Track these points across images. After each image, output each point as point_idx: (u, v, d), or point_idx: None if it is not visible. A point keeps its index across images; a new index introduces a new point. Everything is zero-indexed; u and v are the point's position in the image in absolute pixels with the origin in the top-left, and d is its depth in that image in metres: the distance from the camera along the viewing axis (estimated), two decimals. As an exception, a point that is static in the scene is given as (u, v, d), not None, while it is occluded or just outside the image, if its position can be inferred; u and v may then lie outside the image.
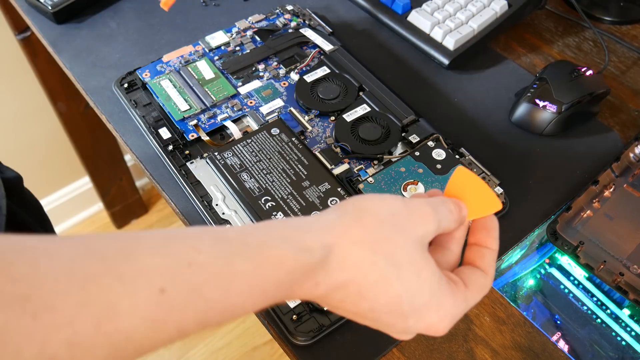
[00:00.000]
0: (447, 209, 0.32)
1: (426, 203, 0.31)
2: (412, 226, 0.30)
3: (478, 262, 0.34)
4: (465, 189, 0.34)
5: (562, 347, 0.47)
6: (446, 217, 0.32)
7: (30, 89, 1.10)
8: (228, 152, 0.56)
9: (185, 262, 0.25)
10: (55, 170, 1.32)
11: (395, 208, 0.30)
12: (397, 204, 0.31)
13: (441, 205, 0.32)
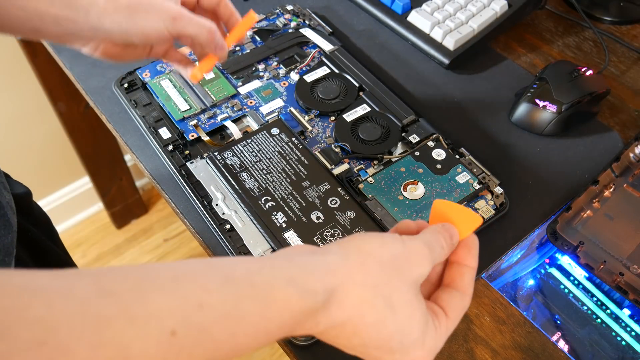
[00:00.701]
0: (439, 245, 0.34)
1: (423, 244, 0.33)
2: (410, 269, 0.32)
3: (457, 281, 0.35)
4: (447, 216, 0.36)
5: (562, 347, 0.47)
6: (439, 253, 0.34)
7: (30, 89, 1.10)
8: (228, 152, 0.56)
9: (196, 304, 0.25)
10: (55, 170, 1.32)
11: (395, 251, 0.32)
12: (397, 247, 0.32)
13: (435, 243, 0.34)
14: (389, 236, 0.33)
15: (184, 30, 0.43)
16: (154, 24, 0.42)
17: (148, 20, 0.41)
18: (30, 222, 0.55)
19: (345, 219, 0.51)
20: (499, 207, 0.53)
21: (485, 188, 0.54)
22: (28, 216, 0.56)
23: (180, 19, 0.42)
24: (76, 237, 1.42)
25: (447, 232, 0.35)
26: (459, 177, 0.54)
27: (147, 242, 1.42)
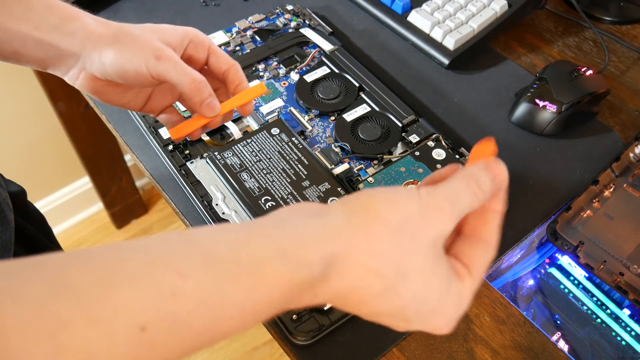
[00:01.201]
0: (471, 192, 0.29)
1: (444, 198, 0.28)
2: (426, 231, 0.28)
3: (481, 229, 0.31)
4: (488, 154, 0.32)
5: (562, 347, 0.47)
6: (469, 205, 0.29)
7: (30, 89, 1.10)
8: (228, 152, 0.56)
9: (169, 292, 0.23)
10: (55, 170, 1.32)
11: (408, 211, 0.27)
12: (412, 205, 0.28)
13: (464, 191, 0.29)
14: (403, 192, 0.28)
15: (165, 73, 0.39)
16: (134, 58, 0.38)
17: (129, 53, 0.38)
18: (26, 220, 0.55)
19: (345, 219, 0.51)
20: (499, 207, 0.53)
21: (485, 188, 0.54)
22: (24, 214, 0.56)
23: (165, 60, 0.39)
24: (76, 237, 1.42)
25: (489, 172, 0.30)
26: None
27: (147, 242, 1.42)
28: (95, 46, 0.39)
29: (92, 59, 0.39)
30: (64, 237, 1.40)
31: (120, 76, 0.39)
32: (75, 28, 0.39)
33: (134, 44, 0.38)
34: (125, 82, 0.40)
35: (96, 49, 0.39)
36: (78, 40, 0.39)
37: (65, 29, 0.38)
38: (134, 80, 0.39)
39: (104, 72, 0.39)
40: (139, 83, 0.40)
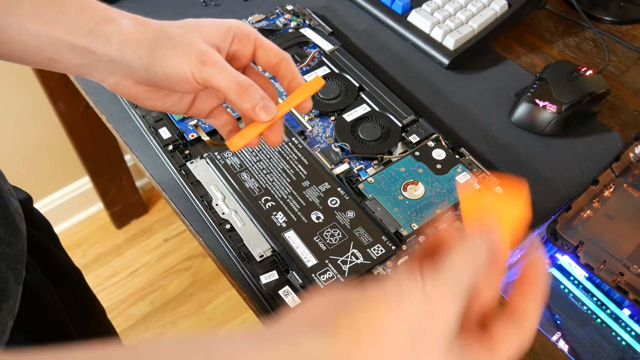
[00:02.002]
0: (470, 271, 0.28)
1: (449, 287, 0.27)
2: (438, 329, 0.26)
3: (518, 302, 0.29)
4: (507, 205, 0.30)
5: (562, 347, 0.47)
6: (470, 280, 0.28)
7: (30, 89, 1.10)
8: (228, 152, 0.56)
9: None
10: (55, 170, 1.32)
11: (417, 312, 0.26)
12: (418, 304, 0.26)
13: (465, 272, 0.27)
14: (407, 291, 0.26)
15: (211, 78, 0.36)
16: (178, 64, 0.35)
17: (172, 58, 0.35)
18: (33, 227, 0.55)
19: (345, 219, 0.51)
20: (499, 207, 0.53)
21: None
22: (31, 221, 0.55)
23: (211, 64, 0.36)
24: (76, 237, 1.42)
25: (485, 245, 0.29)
26: (459, 177, 0.54)
27: (147, 242, 1.42)
28: (134, 52, 0.36)
29: (132, 65, 0.36)
30: (64, 237, 1.40)
31: (163, 83, 0.37)
32: (111, 32, 0.36)
33: (177, 48, 0.36)
34: (169, 88, 0.38)
35: (136, 55, 0.36)
36: (115, 46, 0.36)
37: (100, 32, 0.36)
38: (177, 86, 0.37)
39: (146, 78, 0.37)
40: (183, 89, 0.37)
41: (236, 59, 0.39)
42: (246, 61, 0.40)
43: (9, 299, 0.41)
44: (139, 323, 1.30)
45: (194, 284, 1.36)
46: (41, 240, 0.55)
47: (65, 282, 0.58)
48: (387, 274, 0.49)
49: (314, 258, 0.48)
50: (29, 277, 0.46)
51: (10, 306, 0.41)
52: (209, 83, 0.36)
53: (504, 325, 0.28)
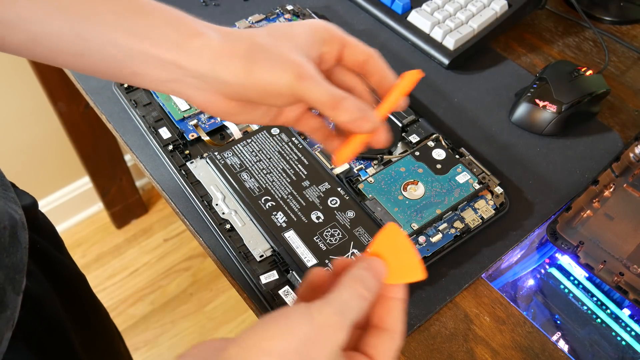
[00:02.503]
0: (358, 297, 0.30)
1: (334, 312, 0.29)
2: (322, 350, 0.28)
3: (386, 319, 0.32)
4: (392, 249, 0.32)
5: (562, 347, 0.47)
6: (359, 309, 0.30)
7: (30, 89, 1.10)
8: (228, 152, 0.56)
9: None
10: (55, 170, 1.32)
11: (302, 335, 0.28)
12: (304, 328, 0.28)
13: (351, 299, 0.30)
14: (294, 316, 0.28)
15: (306, 94, 0.34)
16: (276, 79, 0.34)
17: (270, 72, 0.34)
18: (37, 234, 0.54)
19: (345, 219, 0.51)
20: (499, 207, 0.53)
21: (485, 188, 0.54)
22: (35, 227, 0.54)
23: (308, 79, 0.34)
24: (76, 237, 1.42)
25: (371, 271, 0.31)
26: (459, 177, 0.54)
27: (147, 242, 1.42)
28: (228, 67, 0.34)
29: (226, 81, 0.34)
30: (64, 237, 1.40)
31: (257, 98, 0.35)
32: (200, 46, 0.34)
33: (272, 61, 0.34)
34: (261, 103, 0.36)
35: (230, 71, 0.34)
36: (205, 61, 0.34)
37: (189, 47, 0.34)
38: (272, 100, 0.35)
39: (239, 94, 0.35)
40: (276, 103, 0.35)
41: (324, 62, 0.37)
42: (333, 63, 0.38)
43: (6, 309, 0.40)
44: (139, 323, 1.30)
45: (194, 284, 1.36)
46: (45, 247, 0.54)
47: (69, 288, 0.57)
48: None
49: (314, 258, 0.48)
50: (30, 285, 0.46)
51: (8, 317, 0.40)
52: (303, 98, 0.34)
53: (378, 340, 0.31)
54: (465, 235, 0.51)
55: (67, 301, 0.55)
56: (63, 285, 0.55)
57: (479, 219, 0.52)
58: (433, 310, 0.48)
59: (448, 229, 0.52)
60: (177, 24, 0.34)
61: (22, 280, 0.43)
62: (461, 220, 0.52)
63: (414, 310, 0.48)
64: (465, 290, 0.50)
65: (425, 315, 0.48)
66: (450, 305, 0.49)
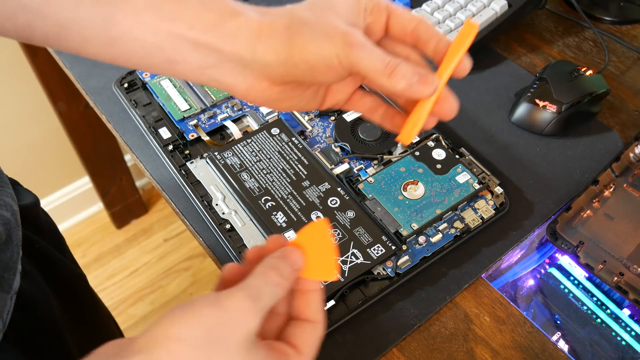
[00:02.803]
0: (272, 284, 0.29)
1: (245, 297, 0.28)
2: (232, 333, 0.28)
3: (305, 311, 0.32)
4: (314, 243, 0.32)
5: (562, 347, 0.47)
6: (271, 295, 0.29)
7: (30, 89, 1.10)
8: (228, 152, 0.56)
9: None
10: (55, 170, 1.32)
11: (210, 320, 0.27)
12: (212, 314, 0.28)
13: (264, 286, 0.29)
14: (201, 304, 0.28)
15: (359, 62, 0.31)
16: (323, 50, 0.31)
17: (315, 44, 0.31)
18: (37, 233, 0.54)
19: (345, 219, 0.51)
20: (499, 207, 0.53)
21: (485, 188, 0.54)
22: (35, 227, 0.54)
23: (359, 46, 0.31)
24: (76, 237, 1.42)
25: (287, 260, 0.31)
26: (459, 177, 0.54)
27: (147, 242, 1.42)
28: (268, 46, 0.32)
29: (267, 62, 0.32)
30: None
31: (303, 75, 0.32)
32: (237, 26, 0.32)
33: (317, 33, 0.31)
34: (308, 81, 0.33)
35: (270, 49, 0.32)
36: (244, 41, 0.32)
37: (225, 27, 0.32)
38: (321, 76, 0.32)
39: (283, 75, 0.33)
40: (326, 78, 0.33)
41: (371, 34, 0.34)
42: (380, 34, 0.34)
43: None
44: (139, 323, 1.30)
45: (194, 284, 1.36)
46: (44, 247, 0.54)
47: (68, 288, 0.57)
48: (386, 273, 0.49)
49: (314, 258, 0.48)
50: (24, 286, 0.45)
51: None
52: (355, 68, 0.31)
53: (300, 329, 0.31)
54: (465, 235, 0.51)
55: (66, 301, 0.55)
56: (62, 286, 0.55)
57: (479, 219, 0.52)
58: (433, 310, 0.48)
59: (448, 229, 0.52)
60: (212, 5, 0.32)
61: (12, 279, 0.42)
62: (461, 220, 0.52)
63: (414, 310, 0.48)
64: (465, 290, 0.50)
65: (425, 315, 0.48)
66: (450, 305, 0.49)
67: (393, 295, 0.49)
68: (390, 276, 0.49)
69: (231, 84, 0.34)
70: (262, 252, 0.32)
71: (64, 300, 0.54)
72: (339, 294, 0.47)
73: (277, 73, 0.32)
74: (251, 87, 0.33)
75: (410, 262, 0.49)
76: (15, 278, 0.42)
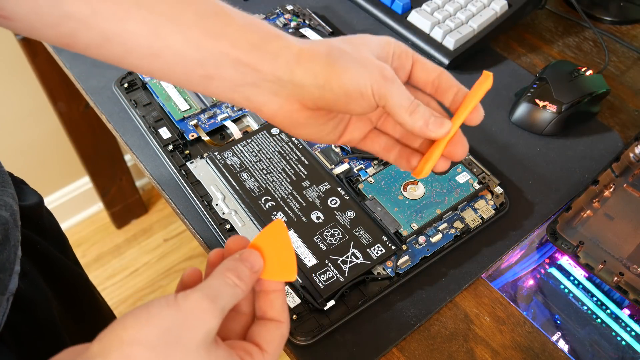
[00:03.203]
0: (231, 284, 0.30)
1: (203, 297, 0.29)
2: (190, 333, 0.28)
3: (268, 311, 0.32)
4: (273, 245, 0.33)
5: (562, 347, 0.47)
6: (231, 295, 0.30)
7: (30, 89, 1.10)
8: (228, 152, 0.56)
9: None
10: (55, 170, 1.32)
11: (166, 322, 0.27)
12: (168, 315, 0.28)
13: (222, 286, 0.30)
14: (156, 306, 0.28)
15: (389, 95, 0.33)
16: (360, 78, 0.32)
17: (353, 72, 0.32)
18: (40, 234, 0.53)
19: (345, 219, 0.51)
20: (499, 207, 0.53)
21: (485, 188, 0.54)
22: (37, 227, 0.54)
23: (391, 80, 0.33)
24: (76, 237, 1.42)
25: (245, 262, 0.31)
26: (459, 177, 0.54)
27: (147, 242, 1.42)
28: (307, 69, 0.33)
29: (303, 84, 0.33)
30: (64, 237, 1.40)
31: (337, 100, 0.33)
32: (278, 47, 0.33)
33: (355, 62, 0.33)
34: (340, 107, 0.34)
35: (309, 72, 0.33)
36: (283, 63, 0.33)
37: (267, 48, 0.33)
38: (352, 104, 0.33)
39: (315, 99, 0.33)
40: (356, 107, 0.34)
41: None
42: (404, 79, 0.37)
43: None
44: (139, 323, 1.30)
45: (194, 284, 1.36)
46: (45, 248, 0.53)
47: (69, 288, 0.57)
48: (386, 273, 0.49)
49: (314, 258, 0.48)
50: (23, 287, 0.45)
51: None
52: (384, 100, 0.33)
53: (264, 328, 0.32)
54: (465, 235, 0.51)
55: (66, 302, 0.55)
56: (63, 287, 0.55)
57: (479, 219, 0.52)
58: (433, 310, 0.48)
59: (448, 229, 0.52)
60: (255, 27, 0.33)
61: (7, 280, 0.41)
62: (461, 220, 0.52)
63: (414, 310, 0.48)
64: (465, 290, 0.50)
65: (425, 315, 0.48)
66: (450, 305, 0.49)
67: (393, 295, 0.49)
68: (390, 276, 0.49)
69: (263, 103, 0.34)
70: (223, 254, 0.33)
71: (64, 301, 0.54)
72: (339, 294, 0.47)
73: (311, 96, 0.33)
74: (281, 107, 0.34)
75: (410, 262, 0.49)
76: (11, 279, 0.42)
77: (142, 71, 0.34)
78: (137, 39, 0.32)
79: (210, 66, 0.33)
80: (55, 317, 0.50)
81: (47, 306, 0.50)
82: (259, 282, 0.33)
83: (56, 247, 0.57)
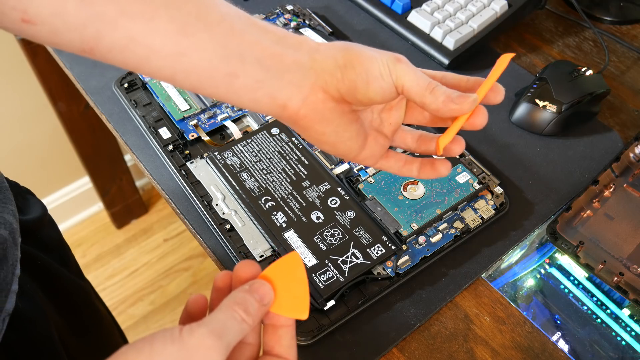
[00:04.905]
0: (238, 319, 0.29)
1: (208, 333, 0.28)
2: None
3: (276, 347, 0.31)
4: (287, 278, 0.31)
5: (562, 347, 0.47)
6: (238, 332, 0.29)
7: (30, 89, 1.10)
8: (228, 152, 0.56)
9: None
10: (55, 170, 1.32)
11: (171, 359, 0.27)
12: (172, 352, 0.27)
13: (229, 320, 0.29)
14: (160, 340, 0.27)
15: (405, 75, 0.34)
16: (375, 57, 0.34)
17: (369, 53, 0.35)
18: (40, 249, 0.53)
19: (345, 219, 0.51)
20: (499, 207, 0.53)
21: (485, 188, 0.54)
22: (38, 242, 0.53)
23: (405, 62, 0.35)
24: (76, 237, 1.42)
25: (255, 295, 0.30)
26: (459, 177, 0.54)
27: (147, 242, 1.42)
28: (327, 53, 0.34)
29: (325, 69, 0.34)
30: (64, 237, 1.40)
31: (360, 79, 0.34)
32: (298, 42, 0.35)
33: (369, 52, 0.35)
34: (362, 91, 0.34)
35: (329, 56, 0.34)
36: (304, 52, 0.34)
37: (288, 42, 0.34)
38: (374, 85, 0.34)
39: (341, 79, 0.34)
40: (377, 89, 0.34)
41: None
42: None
43: None
44: (139, 323, 1.30)
45: (194, 284, 1.36)
46: (46, 262, 0.53)
47: (70, 303, 0.56)
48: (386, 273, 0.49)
49: (314, 258, 0.48)
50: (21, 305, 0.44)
51: None
52: (401, 80, 0.34)
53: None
54: (465, 235, 0.51)
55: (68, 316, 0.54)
56: (64, 301, 0.54)
57: (479, 219, 0.52)
58: (433, 310, 0.48)
59: (448, 229, 0.52)
60: (274, 27, 0.35)
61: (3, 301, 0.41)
62: (461, 220, 0.52)
63: (414, 310, 0.48)
64: (465, 290, 0.50)
65: (425, 315, 0.48)
66: (450, 305, 0.49)
67: (393, 295, 0.49)
68: (390, 276, 0.49)
69: (287, 97, 0.34)
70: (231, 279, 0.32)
71: (65, 315, 0.53)
72: (339, 294, 0.47)
73: (333, 79, 0.34)
74: (306, 99, 0.34)
75: (410, 262, 0.49)
76: (7, 300, 0.41)
77: (164, 74, 0.33)
78: (164, 37, 0.31)
79: (235, 62, 0.33)
80: (53, 335, 0.49)
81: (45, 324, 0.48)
82: (268, 315, 0.32)
83: (57, 259, 0.55)
